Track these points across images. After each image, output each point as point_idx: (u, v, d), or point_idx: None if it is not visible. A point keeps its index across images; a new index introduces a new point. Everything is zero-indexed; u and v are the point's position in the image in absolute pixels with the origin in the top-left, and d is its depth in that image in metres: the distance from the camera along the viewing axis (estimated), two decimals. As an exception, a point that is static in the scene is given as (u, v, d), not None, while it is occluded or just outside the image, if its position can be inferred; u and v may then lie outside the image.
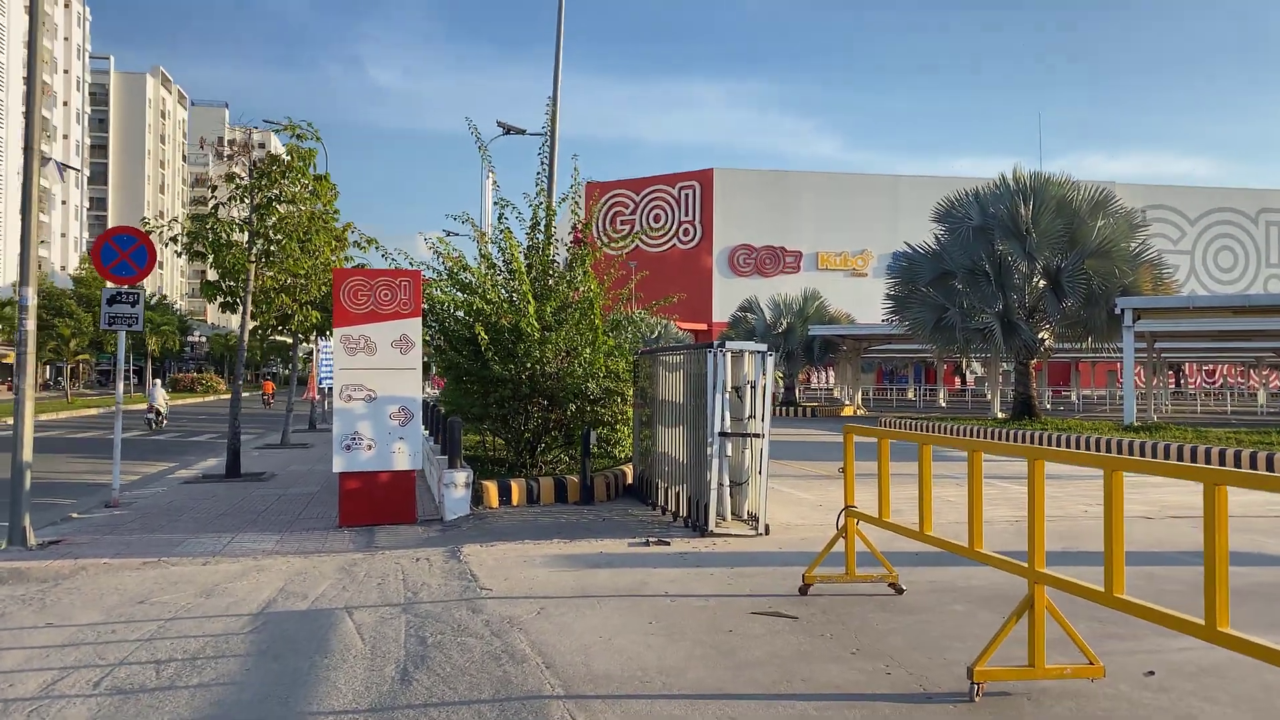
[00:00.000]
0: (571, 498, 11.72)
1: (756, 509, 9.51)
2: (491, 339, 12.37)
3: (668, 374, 11.01)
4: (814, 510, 11.46)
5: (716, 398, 9.37)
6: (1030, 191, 25.90)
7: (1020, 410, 27.25)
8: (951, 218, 27.30)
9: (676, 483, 10.51)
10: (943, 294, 27.04)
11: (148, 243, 13.21)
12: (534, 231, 13.44)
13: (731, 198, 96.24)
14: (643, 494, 11.98)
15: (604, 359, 13.03)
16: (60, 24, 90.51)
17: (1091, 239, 25.17)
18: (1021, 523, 10.66)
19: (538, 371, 12.45)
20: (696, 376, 9.82)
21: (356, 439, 10.62)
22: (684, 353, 10.36)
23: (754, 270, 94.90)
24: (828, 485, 14.24)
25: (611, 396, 13.31)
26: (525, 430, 13.15)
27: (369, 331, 10.72)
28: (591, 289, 13.00)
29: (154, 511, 11.92)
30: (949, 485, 13.74)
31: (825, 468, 16.97)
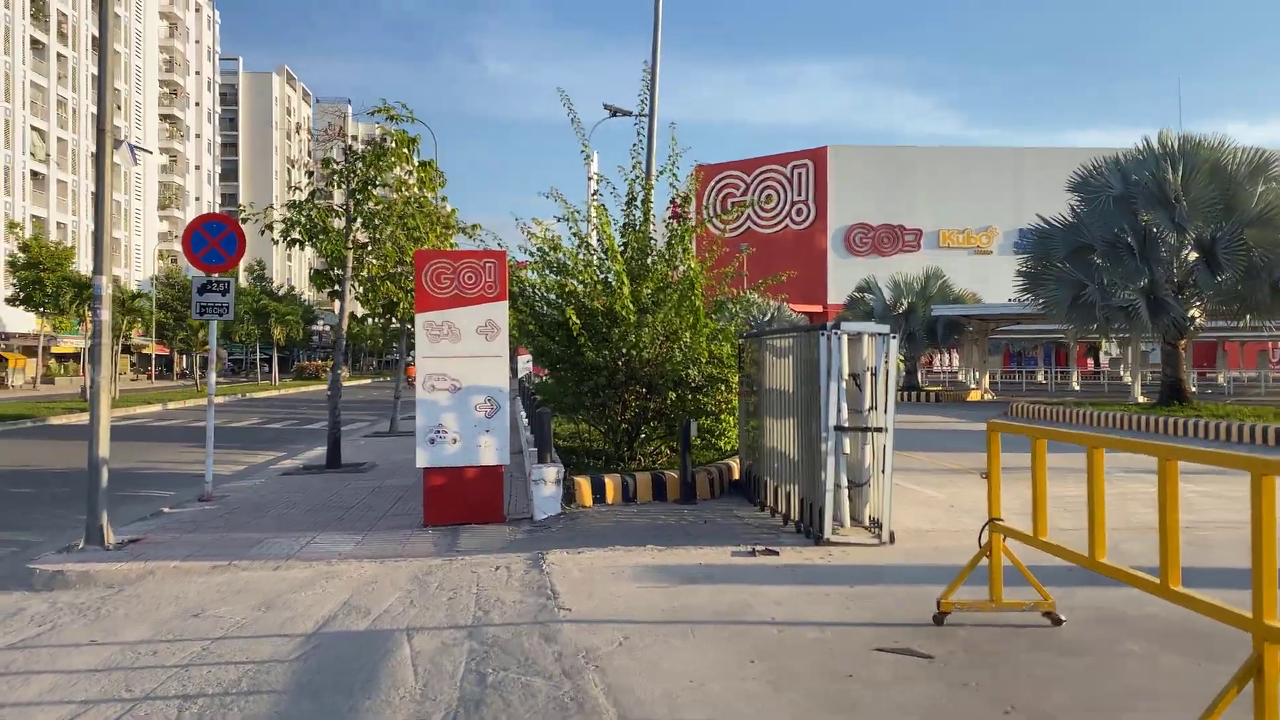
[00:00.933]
0: (671, 495, 10.76)
1: (880, 514, 8.34)
2: (584, 323, 11.50)
3: (775, 359, 9.91)
4: (946, 513, 10.18)
5: (831, 386, 8.23)
6: (1179, 156, 23.52)
7: (1168, 395, 24.93)
8: (1089, 187, 25.10)
9: (786, 481, 9.42)
10: (1080, 269, 24.91)
11: (237, 230, 12.83)
12: (630, 208, 12.49)
13: (846, 176, 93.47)
14: (749, 491, 10.93)
15: (706, 343, 12.02)
16: (191, 27, 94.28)
17: (1251, 206, 22.68)
18: (1194, 530, 9.16)
19: (634, 357, 11.53)
20: (808, 362, 8.70)
21: (440, 432, 9.91)
22: (793, 336, 9.24)
23: (871, 250, 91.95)
24: (959, 481, 12.88)
25: (715, 384, 12.29)
26: (622, 421, 12.25)
27: (452, 317, 9.97)
28: (692, 268, 11.98)
29: (243, 507, 11.52)
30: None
31: (954, 460, 15.52)
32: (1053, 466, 6.66)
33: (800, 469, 8.94)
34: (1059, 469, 13.48)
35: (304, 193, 16.25)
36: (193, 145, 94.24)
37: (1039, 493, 5.80)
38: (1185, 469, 4.66)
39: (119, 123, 79.84)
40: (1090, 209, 24.80)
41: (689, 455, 10.69)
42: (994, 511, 6.17)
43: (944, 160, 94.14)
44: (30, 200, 65.19)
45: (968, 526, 9.23)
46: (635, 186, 12.36)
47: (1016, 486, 8.29)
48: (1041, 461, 5.84)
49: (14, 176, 63.15)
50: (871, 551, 8.09)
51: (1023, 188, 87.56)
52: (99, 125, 9.40)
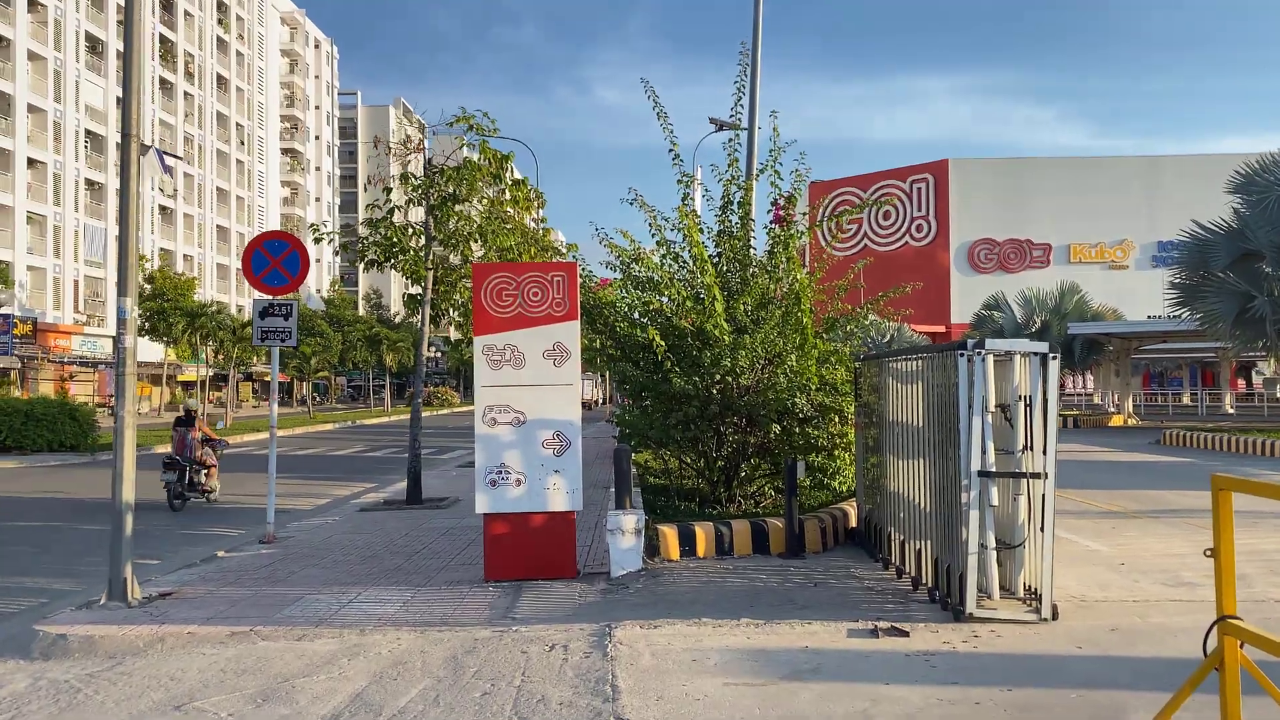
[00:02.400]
0: (774, 548, 9.10)
1: (1038, 582, 6.52)
2: (670, 345, 10.02)
3: (900, 386, 8.19)
4: (1116, 574, 8.20)
5: (974, 421, 6.49)
6: (1366, 145, 20.54)
7: (1356, 420, 21.76)
8: (1255, 186, 22.26)
9: (915, 536, 7.66)
10: (1246, 279, 22.08)
11: (300, 249, 11.86)
12: (725, 213, 10.96)
13: (968, 190, 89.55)
14: (869, 543, 9.18)
15: (816, 367, 10.34)
16: (310, 63, 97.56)
17: None
18: None
19: (729, 384, 9.96)
20: (941, 389, 6.98)
21: (503, 473, 8.54)
22: (923, 357, 7.52)
23: (997, 266, 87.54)
24: (1124, 528, 10.77)
25: (827, 414, 10.59)
26: (718, 458, 10.67)
27: (516, 339, 8.62)
28: (798, 279, 10.34)
29: (301, 551, 10.42)
30: None
31: (1110, 499, 13.32)
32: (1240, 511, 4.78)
33: (933, 522, 7.18)
34: (1247, 513, 11.34)
35: (382, 210, 15.31)
36: (312, 178, 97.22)
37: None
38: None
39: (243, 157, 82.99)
40: (1257, 211, 21.97)
41: (795, 500, 9.02)
42: (1226, 606, 4.36)
43: (1072, 171, 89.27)
44: (159, 233, 67.88)
45: (1149, 594, 7.29)
46: (731, 188, 10.83)
47: (1194, 536, 6.35)
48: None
49: (143, 211, 65.91)
50: (1029, 633, 6.27)
51: (1159, 198, 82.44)
52: (123, 131, 8.44)
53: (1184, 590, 7.41)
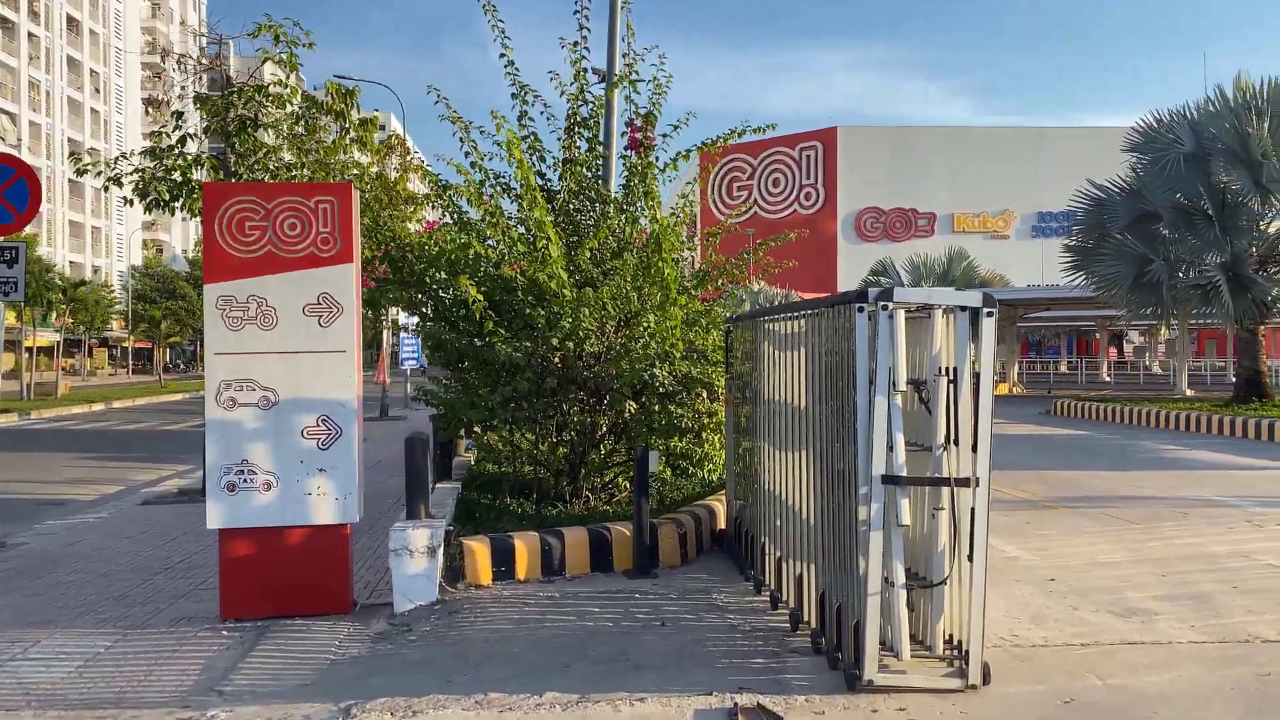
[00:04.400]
0: (620, 563, 7.04)
1: (964, 633, 4.62)
2: (496, 301, 7.84)
3: (778, 353, 6.19)
4: (1047, 595, 6.42)
5: (877, 404, 4.53)
6: (1265, 105, 19.68)
7: (1246, 389, 21.12)
8: (1154, 145, 21.27)
9: (796, 555, 5.71)
10: (1143, 241, 21.11)
11: (30, 176, 9.24)
12: (571, 136, 8.79)
13: (857, 158, 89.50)
14: (740, 552, 7.21)
15: (681, 329, 8.30)
16: (175, 7, 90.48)
17: (1355, 163, 18.90)
18: None
19: (572, 351, 7.83)
20: (832, 358, 4.99)
21: (247, 473, 6.25)
22: (806, 315, 5.51)
23: (883, 235, 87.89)
24: (1040, 523, 9.12)
25: (694, 388, 8.60)
26: (560, 442, 8.56)
27: (264, 289, 6.31)
28: (658, 220, 8.26)
29: (19, 566, 7.98)
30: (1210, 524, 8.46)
31: (1015, 483, 11.76)
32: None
33: (820, 540, 5.22)
34: (1187, 501, 9.76)
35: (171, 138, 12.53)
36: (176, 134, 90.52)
37: None
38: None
39: (98, 106, 76.39)
40: (1155, 170, 20.97)
41: (646, 501, 6.97)
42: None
43: (958, 142, 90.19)
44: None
45: (1098, 631, 5.50)
46: (578, 103, 8.63)
47: (1123, 534, 4.61)
48: None
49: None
50: (953, 711, 4.35)
51: (1041, 170, 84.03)
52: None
53: (1139, 624, 5.66)
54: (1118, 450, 15.68)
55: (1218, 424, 18.59)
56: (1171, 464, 13.66)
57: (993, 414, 4.67)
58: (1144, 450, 15.63)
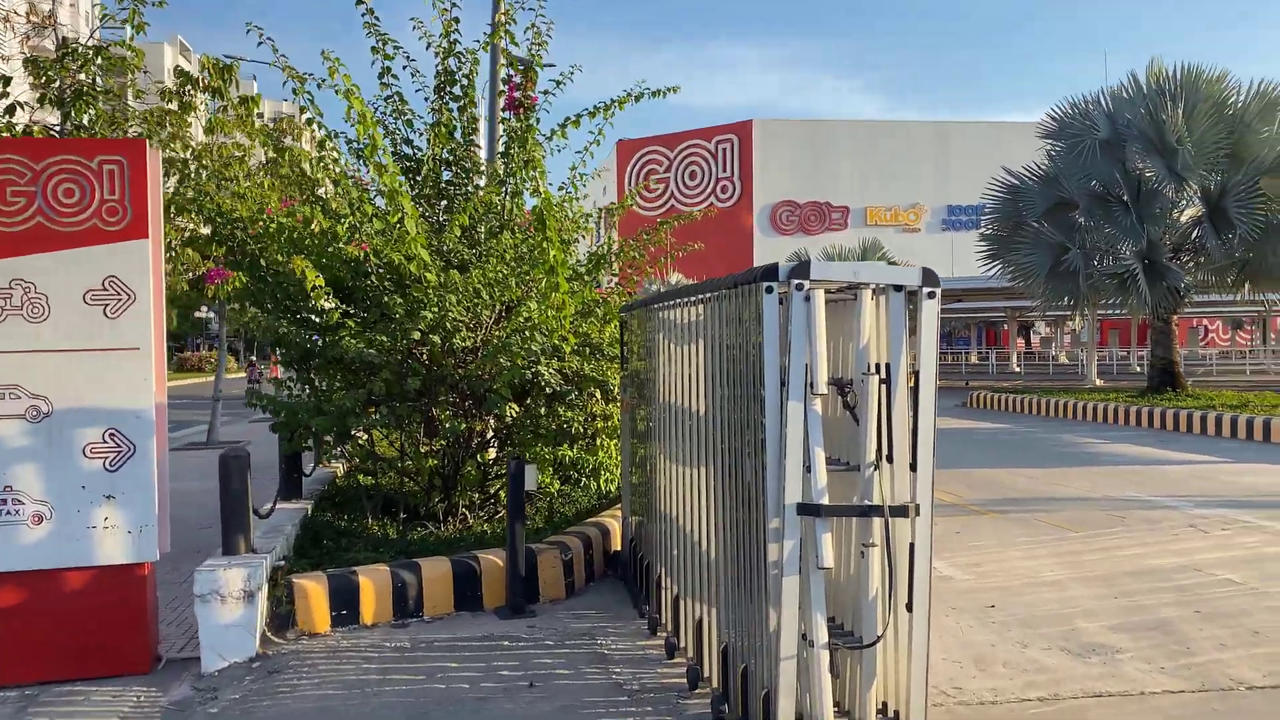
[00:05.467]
0: (491, 599, 5.90)
1: (901, 701, 3.63)
2: (346, 288, 6.63)
3: (674, 347, 5.13)
4: (989, 629, 5.50)
5: (791, 410, 3.51)
6: (1179, 91, 19.42)
7: (1160, 380, 20.93)
8: (1069, 131, 20.88)
9: (695, 595, 4.66)
10: (1059, 229, 20.73)
11: None
12: (441, 97, 7.59)
13: (772, 152, 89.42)
14: (635, 581, 6.14)
15: (570, 320, 7.19)
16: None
17: (1265, 151, 18.73)
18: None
19: (439, 346, 6.65)
20: (735, 353, 3.95)
21: (10, 503, 4.96)
22: (706, 300, 4.45)
23: (798, 228, 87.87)
24: (971, 533, 8.28)
25: (588, 386, 7.50)
26: (430, 453, 7.37)
27: (30, 270, 5.01)
28: (543, 193, 7.12)
29: None
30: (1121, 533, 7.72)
31: (940, 483, 10.93)
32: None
33: (724, 580, 4.18)
34: (1123, 502, 9.09)
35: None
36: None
37: None
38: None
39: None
40: (1070, 158, 20.60)
41: (522, 525, 5.84)
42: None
43: (870, 136, 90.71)
44: None
45: (1056, 680, 4.58)
46: (450, 60, 7.43)
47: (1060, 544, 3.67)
48: None
49: None
50: (893, 810, 3.34)
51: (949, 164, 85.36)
52: None
53: (1101, 666, 4.76)
54: (1040, 445, 15.11)
55: (1135, 415, 18.25)
56: (1097, 459, 13.08)
57: (936, 419, 3.68)
58: (1066, 444, 15.09)
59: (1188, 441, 15.16)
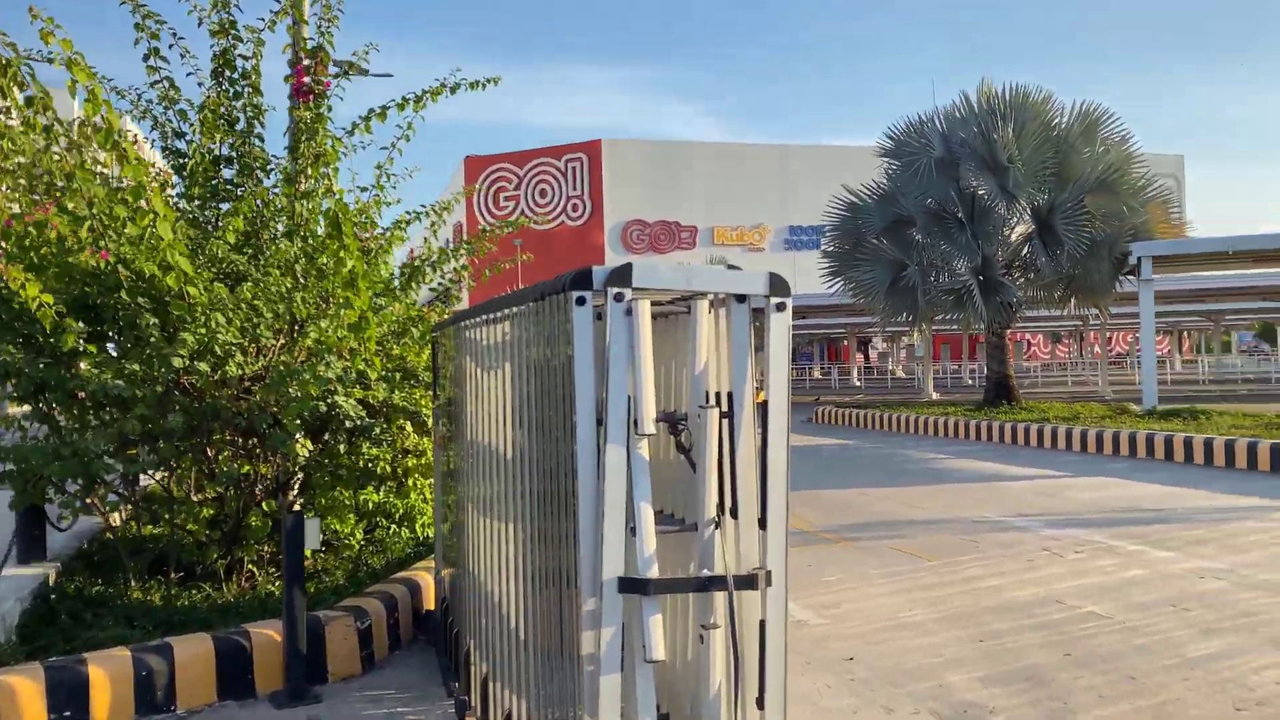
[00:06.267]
0: (265, 682, 4.84)
1: (754, 825, 2.84)
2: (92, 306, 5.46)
3: (480, 372, 4.27)
4: (847, 687, 4.84)
5: (608, 457, 2.70)
6: (1009, 111, 19.97)
7: (996, 393, 21.43)
8: (906, 150, 21.21)
9: (507, 679, 3.78)
10: (897, 246, 20.96)
11: None
12: (219, 82, 6.49)
13: (622, 171, 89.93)
14: (446, 651, 5.21)
15: (373, 342, 6.19)
16: None
17: (1089, 170, 19.43)
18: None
19: (209, 375, 5.54)
20: (544, 378, 3.12)
21: None
22: (512, 316, 3.60)
23: (648, 247, 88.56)
24: (823, 565, 7.71)
25: (397, 418, 6.54)
26: (204, 502, 6.21)
27: None
28: (336, 194, 6.13)
29: None
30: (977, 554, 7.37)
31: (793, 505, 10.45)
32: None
33: (534, 669, 3.32)
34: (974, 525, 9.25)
35: None
36: None
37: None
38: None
39: None
40: (907, 176, 20.89)
41: (301, 590, 4.81)
42: None
43: (715, 157, 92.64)
44: None
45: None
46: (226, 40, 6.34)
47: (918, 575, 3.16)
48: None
49: None
50: None
51: (791, 186, 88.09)
52: None
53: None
54: (888, 461, 14.95)
55: (974, 429, 18.49)
56: (942, 476, 12.94)
57: (790, 459, 2.95)
58: (913, 460, 14.99)
59: (1026, 455, 15.32)
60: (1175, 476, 12.21)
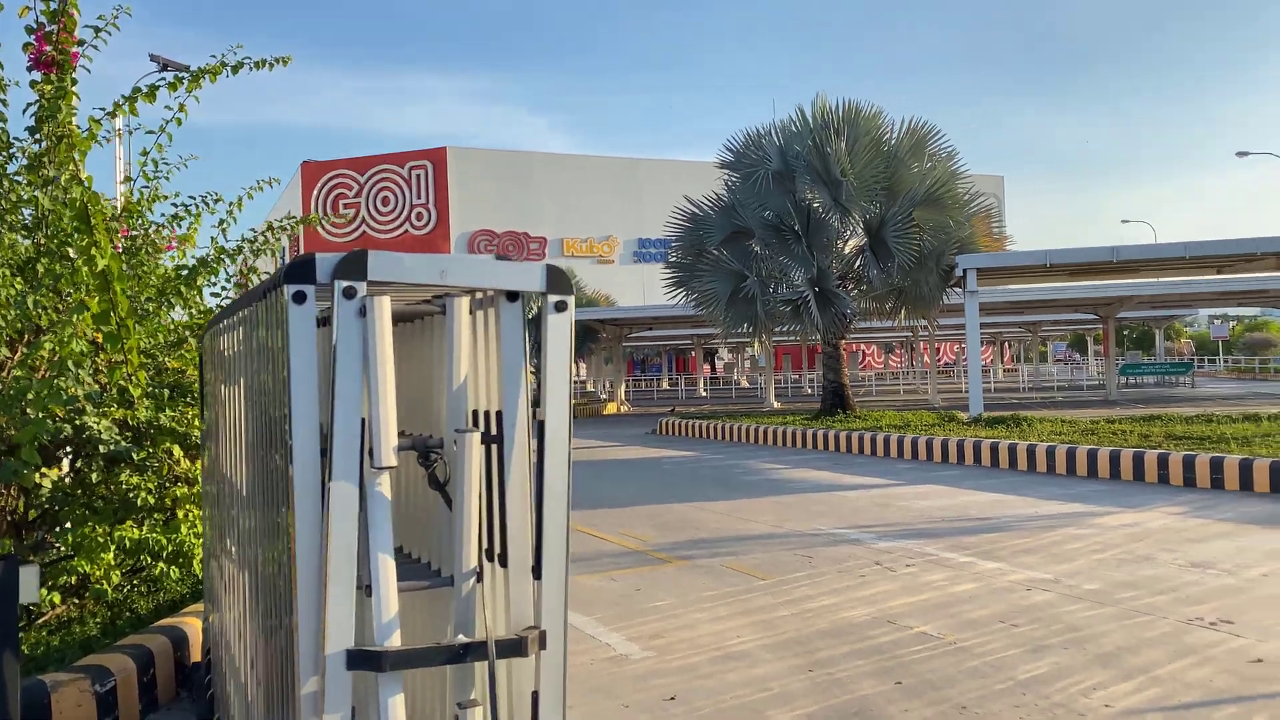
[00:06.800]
0: (-38, 772, 3.98)
1: None
2: None
3: (223, 389, 3.59)
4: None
5: (336, 496, 2.10)
6: (842, 125, 20.32)
7: (832, 402, 21.74)
8: (745, 161, 21.28)
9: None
10: (738, 257, 20.99)
11: None
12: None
13: (469, 180, 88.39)
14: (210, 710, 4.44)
15: (137, 355, 5.35)
16: None
17: (917, 184, 19.96)
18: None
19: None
20: (266, 400, 2.49)
21: None
22: (244, 319, 2.96)
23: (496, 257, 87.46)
24: (652, 589, 7.27)
25: (162, 442, 5.70)
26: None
27: None
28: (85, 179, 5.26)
29: None
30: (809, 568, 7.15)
31: (622, 525, 10.05)
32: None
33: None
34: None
35: None
36: None
37: None
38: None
39: None
40: (746, 187, 20.97)
41: (16, 657, 3.97)
42: None
43: (564, 168, 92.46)
44: None
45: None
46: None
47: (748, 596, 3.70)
48: None
49: None
50: None
51: (641, 199, 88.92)
52: None
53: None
54: (727, 473, 14.75)
55: (811, 438, 18.62)
56: (780, 487, 12.80)
57: (570, 490, 2.43)
58: (751, 472, 14.85)
59: (861, 464, 15.45)
60: (1001, 483, 12.47)
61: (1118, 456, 12.61)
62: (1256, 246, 18.71)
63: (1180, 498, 10.77)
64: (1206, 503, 10.37)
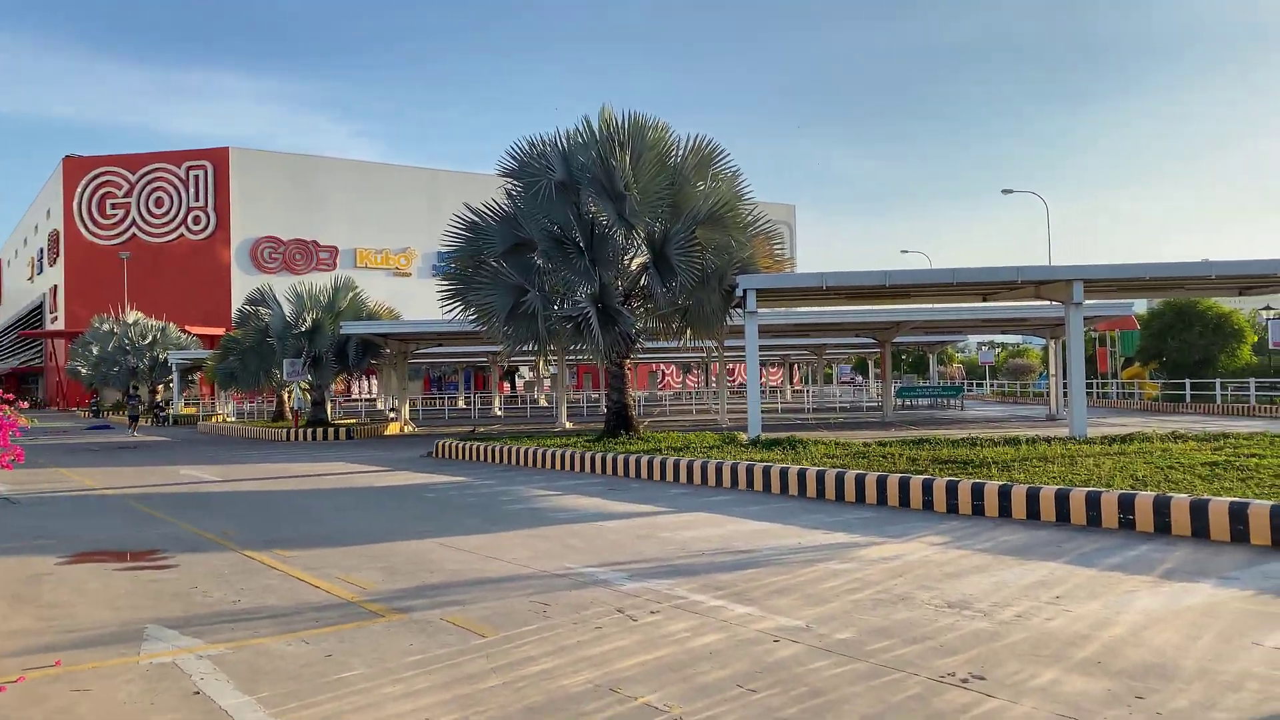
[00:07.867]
0: None
1: None
2: None
3: None
4: None
5: None
6: (628, 138, 19.72)
7: (616, 423, 21.04)
8: (528, 170, 20.30)
9: None
10: (519, 271, 19.96)
11: None
12: None
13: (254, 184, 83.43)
14: None
15: None
16: None
17: (701, 202, 19.61)
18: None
19: None
20: None
21: None
22: None
23: (282, 266, 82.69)
24: (349, 656, 6.04)
25: None
26: None
27: None
28: None
29: None
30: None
31: (349, 567, 8.72)
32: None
33: None
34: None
35: None
36: None
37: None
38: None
39: None
40: (529, 197, 19.99)
41: None
42: None
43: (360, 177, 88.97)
44: None
45: None
46: None
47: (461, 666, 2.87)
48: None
49: None
50: None
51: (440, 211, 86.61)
52: None
53: None
54: (491, 501, 13.62)
55: (589, 461, 17.79)
56: (541, 518, 11.79)
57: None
58: (517, 500, 13.78)
59: (635, 489, 14.71)
60: (771, 510, 11.98)
61: (884, 482, 12.41)
62: (1017, 275, 19.50)
63: (943, 525, 10.57)
64: (968, 531, 10.19)
